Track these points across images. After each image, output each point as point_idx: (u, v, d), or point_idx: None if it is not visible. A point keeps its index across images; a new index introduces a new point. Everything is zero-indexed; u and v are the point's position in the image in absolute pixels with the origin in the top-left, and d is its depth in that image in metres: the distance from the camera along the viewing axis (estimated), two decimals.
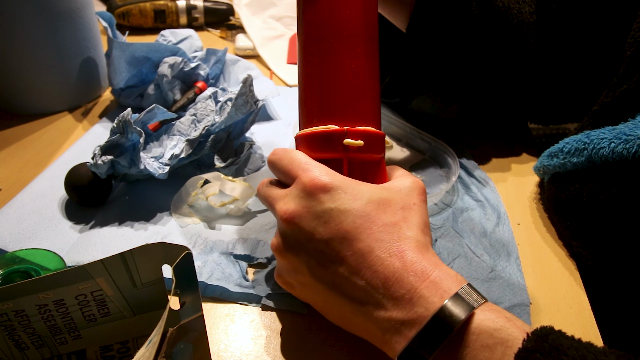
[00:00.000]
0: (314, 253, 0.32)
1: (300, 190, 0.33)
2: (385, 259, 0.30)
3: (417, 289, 0.29)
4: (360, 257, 0.30)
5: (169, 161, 0.47)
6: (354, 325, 0.32)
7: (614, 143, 0.40)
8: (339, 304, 0.32)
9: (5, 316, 0.27)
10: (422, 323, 0.28)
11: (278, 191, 0.36)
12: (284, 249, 0.34)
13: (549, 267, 0.44)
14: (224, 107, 0.51)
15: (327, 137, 0.35)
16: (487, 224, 0.48)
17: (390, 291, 0.29)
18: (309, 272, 0.32)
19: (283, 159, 0.36)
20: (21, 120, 0.61)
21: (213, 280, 0.39)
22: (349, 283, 0.31)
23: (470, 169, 0.55)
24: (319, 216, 0.32)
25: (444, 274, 0.29)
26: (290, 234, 0.33)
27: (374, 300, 0.30)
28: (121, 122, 0.45)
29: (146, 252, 0.28)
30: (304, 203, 0.33)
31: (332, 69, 0.36)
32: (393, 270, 0.30)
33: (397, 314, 0.29)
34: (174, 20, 0.92)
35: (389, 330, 0.29)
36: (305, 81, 0.37)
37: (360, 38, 0.37)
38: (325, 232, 0.31)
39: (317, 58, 0.37)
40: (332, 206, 0.32)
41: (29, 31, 0.57)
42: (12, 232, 0.43)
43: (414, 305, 0.28)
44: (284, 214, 0.33)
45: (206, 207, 0.47)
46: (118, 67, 0.60)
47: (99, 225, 0.45)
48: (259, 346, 0.35)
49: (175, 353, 0.28)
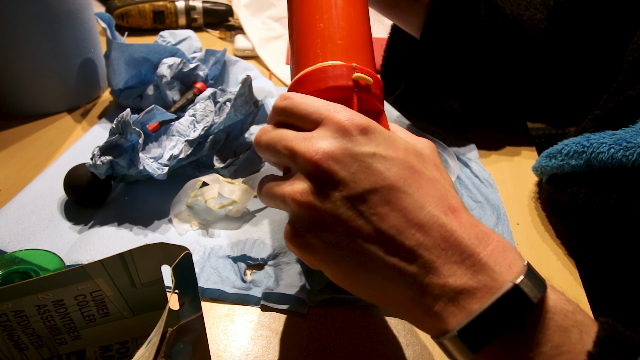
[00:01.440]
0: (352, 204, 0.26)
1: (333, 129, 0.28)
2: (440, 216, 0.26)
3: (479, 254, 0.25)
4: (411, 213, 0.26)
5: (168, 162, 0.47)
6: (389, 295, 0.27)
7: (614, 149, 0.40)
8: (375, 268, 0.26)
9: (5, 317, 0.27)
10: (491, 294, 0.24)
11: (296, 133, 0.30)
12: (311, 196, 0.27)
13: (548, 267, 0.44)
14: (223, 107, 0.51)
15: (336, 71, 0.32)
16: (486, 224, 0.48)
17: (448, 254, 0.25)
18: (343, 227, 0.27)
19: (300, 102, 0.30)
20: (20, 121, 0.61)
21: (210, 284, 0.39)
22: (394, 242, 0.26)
23: (474, 169, 0.55)
24: (360, 160, 0.27)
25: (505, 242, 0.26)
26: (322, 178, 0.27)
27: (425, 264, 0.25)
28: (120, 122, 0.45)
29: (145, 252, 0.28)
30: (338, 143, 0.27)
31: (335, 10, 0.35)
32: (450, 230, 0.25)
33: (454, 281, 0.25)
34: (173, 21, 0.92)
35: (441, 299, 0.25)
36: (308, 23, 0.35)
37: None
38: (368, 179, 0.26)
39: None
40: (373, 150, 0.27)
41: (28, 32, 0.57)
42: (12, 233, 0.43)
43: (477, 272, 0.25)
44: (315, 153, 0.27)
45: (205, 209, 0.47)
46: (117, 68, 0.60)
47: (98, 225, 0.45)
48: (258, 346, 0.35)
49: (174, 353, 0.28)
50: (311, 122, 0.30)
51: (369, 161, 0.27)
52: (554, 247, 0.46)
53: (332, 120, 0.28)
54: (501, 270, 0.24)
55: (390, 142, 0.28)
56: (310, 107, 0.30)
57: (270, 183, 0.31)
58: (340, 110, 0.29)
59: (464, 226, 0.26)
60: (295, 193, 0.28)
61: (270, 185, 0.31)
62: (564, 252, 0.46)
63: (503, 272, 0.24)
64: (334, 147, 0.27)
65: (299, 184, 0.28)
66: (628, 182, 0.40)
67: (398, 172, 0.27)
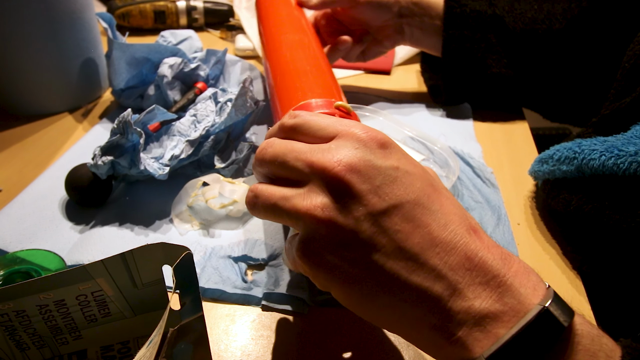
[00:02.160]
0: (375, 220, 0.25)
1: (352, 141, 0.27)
2: (464, 235, 0.25)
3: (504, 275, 0.24)
4: (435, 231, 0.25)
5: (169, 162, 0.47)
6: (407, 321, 0.25)
7: (605, 156, 0.40)
8: (396, 288, 0.25)
9: (6, 316, 0.27)
10: (519, 317, 0.23)
11: (310, 146, 0.28)
12: (333, 211, 0.25)
13: (548, 267, 0.44)
14: (224, 107, 0.51)
15: (319, 103, 0.37)
16: (487, 224, 0.48)
17: (473, 275, 0.24)
18: (364, 244, 0.25)
19: (313, 118, 0.29)
20: (22, 121, 0.61)
21: (211, 284, 0.39)
22: (418, 261, 0.24)
23: (476, 167, 0.55)
24: (384, 173, 0.26)
25: (526, 264, 0.25)
26: (344, 191, 0.25)
27: (450, 285, 0.24)
28: (121, 122, 0.45)
29: (146, 252, 0.28)
30: (360, 155, 0.26)
31: (311, 59, 0.45)
32: (475, 250, 0.24)
33: (480, 304, 0.23)
34: (174, 21, 0.92)
35: (465, 324, 0.23)
36: (293, 70, 0.44)
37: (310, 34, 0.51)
38: (393, 194, 0.25)
39: (295, 51, 0.46)
40: (396, 164, 0.26)
41: (29, 32, 0.57)
42: (13, 233, 0.43)
43: (502, 294, 0.23)
44: (337, 164, 0.25)
45: (205, 209, 0.47)
46: (118, 67, 0.60)
47: (99, 225, 0.45)
48: (259, 346, 0.35)
49: (175, 353, 0.28)
50: (325, 136, 0.28)
51: (394, 175, 0.26)
52: (555, 247, 0.46)
53: (349, 133, 0.27)
54: (527, 293, 0.23)
55: (409, 158, 0.28)
56: (323, 122, 0.29)
57: (271, 193, 0.28)
58: (356, 125, 0.28)
59: (487, 247, 0.25)
60: (314, 208, 0.26)
61: (271, 196, 0.28)
62: (564, 252, 0.46)
63: (529, 295, 0.23)
64: (356, 159, 0.26)
65: (317, 197, 0.26)
66: (618, 190, 0.39)
67: (422, 187, 0.26)
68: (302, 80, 0.42)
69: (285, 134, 0.30)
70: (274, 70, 0.46)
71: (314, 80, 0.41)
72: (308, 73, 0.42)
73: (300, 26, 0.51)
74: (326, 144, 0.27)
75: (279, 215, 0.28)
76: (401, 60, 0.82)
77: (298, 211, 0.26)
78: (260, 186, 0.29)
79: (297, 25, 0.51)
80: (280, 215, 0.28)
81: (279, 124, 0.31)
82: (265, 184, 0.29)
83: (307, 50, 0.46)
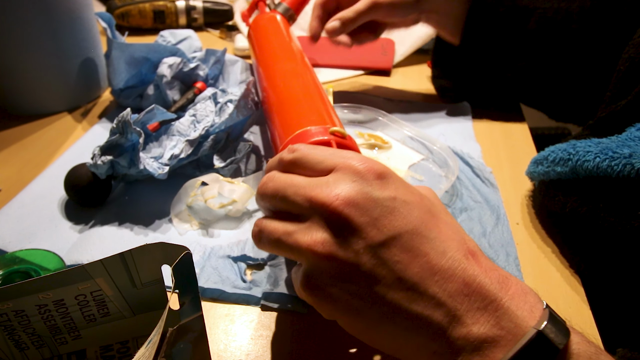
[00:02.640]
0: (374, 252, 0.25)
1: (349, 174, 0.27)
2: (461, 261, 0.25)
3: (501, 299, 0.24)
4: (434, 259, 0.25)
5: (169, 161, 0.47)
6: (411, 348, 0.26)
7: (599, 158, 0.40)
8: (398, 318, 0.25)
9: (5, 316, 0.27)
10: (515, 341, 0.23)
11: (308, 180, 0.29)
12: (332, 246, 0.26)
13: (547, 267, 0.44)
14: (224, 108, 0.51)
15: (317, 130, 0.39)
16: (486, 224, 0.48)
17: (471, 300, 0.24)
18: (365, 277, 0.25)
19: (310, 152, 0.30)
20: (21, 121, 0.61)
21: (210, 284, 0.39)
22: (417, 290, 0.25)
23: (475, 167, 0.55)
24: (381, 205, 0.26)
25: (523, 284, 0.26)
26: (343, 225, 0.26)
27: (449, 312, 0.24)
28: (121, 122, 0.45)
29: (146, 252, 0.28)
30: (358, 188, 0.26)
31: (302, 87, 0.47)
32: (472, 275, 0.25)
33: (478, 330, 0.24)
34: (173, 21, 0.92)
35: (465, 350, 0.24)
36: (287, 99, 0.46)
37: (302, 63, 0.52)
38: (391, 225, 0.26)
39: (288, 80, 0.48)
40: (394, 194, 0.27)
41: (28, 32, 0.57)
42: (12, 233, 0.43)
43: (500, 318, 0.24)
44: (335, 199, 0.26)
45: (205, 209, 0.47)
46: (117, 67, 0.60)
47: (99, 225, 0.45)
48: (258, 346, 0.35)
49: (175, 353, 0.28)
50: (323, 170, 0.29)
51: (392, 205, 0.26)
52: (554, 247, 0.46)
53: (346, 166, 0.28)
54: (524, 315, 0.24)
55: (406, 186, 0.28)
56: (321, 155, 0.29)
57: (274, 228, 0.29)
58: (353, 156, 0.28)
59: (485, 270, 0.25)
60: (315, 244, 0.26)
61: (274, 231, 0.29)
62: (563, 253, 0.46)
63: (526, 317, 0.24)
64: (354, 192, 0.26)
65: (317, 233, 0.27)
66: (613, 192, 0.40)
67: (419, 216, 0.26)
68: (297, 108, 0.43)
69: (285, 168, 0.31)
70: (270, 100, 0.48)
71: (308, 108, 0.43)
72: (302, 101, 0.44)
73: (292, 54, 0.53)
74: (325, 178, 0.28)
75: (284, 250, 0.29)
76: (402, 57, 0.82)
77: (300, 246, 0.27)
78: (264, 221, 0.30)
79: (289, 53, 0.53)
80: (285, 250, 0.28)
81: (278, 159, 0.32)
82: (269, 219, 0.30)
83: (300, 78, 0.48)
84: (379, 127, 0.62)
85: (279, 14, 0.66)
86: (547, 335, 0.23)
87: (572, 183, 0.43)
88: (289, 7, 0.67)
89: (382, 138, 0.60)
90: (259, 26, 0.63)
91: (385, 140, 0.60)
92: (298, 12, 0.70)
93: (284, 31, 0.60)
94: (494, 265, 0.26)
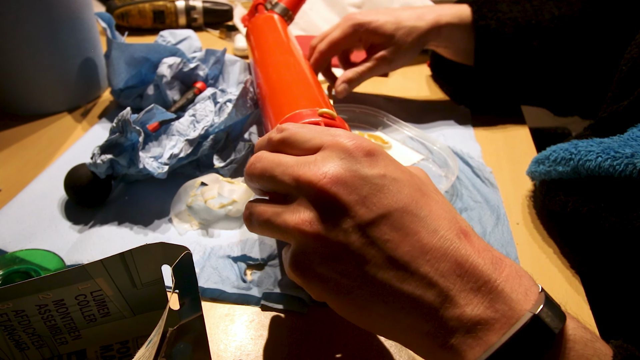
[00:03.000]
0: (363, 231, 0.25)
1: (337, 152, 0.27)
2: (453, 240, 0.25)
3: (495, 280, 0.24)
4: (424, 238, 0.25)
5: (168, 160, 0.47)
6: (402, 329, 0.25)
7: (601, 157, 0.40)
8: (389, 298, 0.25)
9: (5, 316, 0.27)
10: (510, 324, 0.23)
11: (296, 158, 0.28)
12: (319, 225, 0.25)
13: (547, 267, 0.44)
14: (224, 108, 0.51)
15: (307, 112, 0.39)
16: (486, 224, 0.48)
17: (464, 281, 0.24)
18: (355, 256, 0.25)
19: (298, 130, 0.29)
20: (21, 121, 0.61)
21: (210, 284, 0.39)
22: (408, 269, 0.24)
23: (475, 167, 0.55)
24: (370, 182, 0.25)
25: (518, 266, 0.25)
26: (330, 204, 0.25)
27: (441, 292, 0.24)
28: (120, 121, 0.45)
29: (146, 252, 0.28)
30: (346, 166, 0.26)
31: (295, 74, 0.48)
32: (465, 255, 0.24)
33: (471, 311, 0.23)
34: (173, 21, 0.92)
35: (457, 331, 0.23)
36: (279, 87, 0.47)
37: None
38: (380, 203, 0.25)
39: (280, 70, 0.50)
40: (383, 172, 0.26)
41: (28, 32, 0.57)
42: (12, 233, 0.43)
43: (494, 300, 0.23)
44: (323, 177, 0.25)
45: (205, 209, 0.47)
46: (117, 67, 0.60)
47: (99, 225, 0.45)
48: (258, 346, 0.36)
49: (175, 353, 0.28)
50: (311, 148, 0.28)
51: (381, 183, 0.25)
52: (554, 247, 0.46)
53: (334, 143, 0.27)
54: (518, 298, 0.23)
55: (396, 164, 0.27)
56: (309, 134, 0.29)
57: (263, 210, 0.29)
58: (342, 134, 0.28)
59: (478, 251, 0.25)
60: (302, 222, 0.26)
61: (264, 213, 0.29)
62: (563, 252, 0.46)
63: (520, 300, 0.23)
64: (342, 170, 0.26)
65: (304, 212, 0.26)
66: (614, 192, 0.40)
67: (409, 194, 0.26)
68: (288, 95, 0.45)
69: (274, 147, 0.30)
70: (263, 92, 0.50)
71: (299, 93, 0.44)
72: (293, 87, 0.46)
73: (287, 49, 0.55)
74: (312, 156, 0.27)
75: (273, 230, 0.28)
76: None
77: (287, 226, 0.27)
78: (254, 204, 0.30)
79: (284, 48, 0.55)
80: (274, 230, 0.28)
81: (267, 138, 0.31)
82: (259, 202, 0.30)
83: (292, 68, 0.50)
84: (379, 127, 0.63)
85: (277, 14, 0.66)
86: (543, 319, 0.22)
87: (574, 183, 0.43)
88: (286, 7, 0.68)
89: (382, 138, 0.60)
90: (256, 26, 0.64)
91: (385, 140, 0.60)
92: (295, 11, 0.70)
93: (281, 30, 0.61)
94: (487, 246, 0.26)
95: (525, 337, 0.22)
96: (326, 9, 0.95)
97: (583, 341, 0.23)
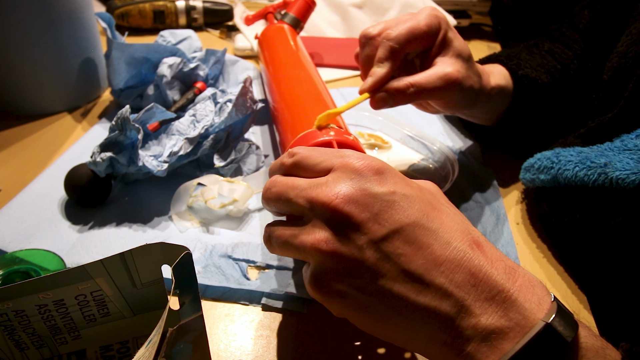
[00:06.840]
0: (377, 247, 0.26)
1: (347, 172, 0.28)
2: (466, 251, 0.25)
3: (509, 290, 0.24)
4: (437, 250, 0.25)
5: (168, 158, 0.47)
6: (420, 339, 0.26)
7: (578, 167, 0.41)
8: (406, 310, 0.25)
9: (5, 316, 0.27)
10: (524, 333, 0.23)
11: (309, 181, 0.29)
12: (335, 244, 0.26)
13: (547, 267, 0.44)
14: (224, 107, 0.51)
15: (316, 134, 0.39)
16: (486, 224, 0.48)
17: (478, 291, 0.24)
18: (370, 272, 0.26)
19: (309, 154, 0.31)
20: (21, 121, 0.61)
21: (213, 281, 0.39)
22: (423, 282, 0.25)
23: (475, 168, 0.55)
24: (381, 199, 0.26)
25: (531, 275, 0.26)
26: (343, 222, 0.26)
27: (457, 303, 0.24)
28: (120, 119, 0.45)
29: (146, 252, 0.28)
30: (357, 185, 0.27)
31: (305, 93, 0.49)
32: (479, 265, 0.25)
33: (486, 320, 0.24)
34: (173, 21, 0.92)
35: (473, 340, 0.24)
36: (291, 105, 0.48)
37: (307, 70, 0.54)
38: (392, 219, 0.26)
39: (292, 87, 0.50)
40: (393, 189, 0.27)
41: (28, 32, 0.57)
42: (12, 233, 0.43)
43: (508, 310, 0.24)
44: (335, 198, 0.26)
45: (205, 209, 0.47)
46: (117, 67, 0.60)
47: (99, 225, 0.45)
48: (258, 346, 0.35)
49: (175, 353, 0.28)
50: (322, 170, 0.29)
51: (391, 199, 0.26)
52: (554, 247, 0.46)
53: (344, 164, 0.28)
54: (532, 307, 0.24)
55: (405, 180, 0.28)
56: (319, 156, 0.30)
57: (281, 232, 0.30)
58: (351, 154, 0.29)
59: (491, 261, 0.25)
60: (319, 242, 0.27)
61: (282, 235, 0.30)
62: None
63: (534, 309, 0.24)
64: (353, 189, 0.27)
65: (320, 232, 0.27)
66: (588, 201, 0.40)
67: (420, 208, 0.26)
68: (300, 113, 0.45)
69: (287, 171, 0.32)
70: (277, 107, 0.51)
71: (310, 110, 0.44)
72: (305, 105, 0.46)
73: (299, 62, 0.55)
74: (324, 178, 0.29)
75: (292, 251, 0.29)
76: None
77: (305, 246, 0.28)
78: (273, 227, 0.31)
79: (295, 61, 0.56)
80: (293, 251, 0.29)
81: (279, 163, 0.32)
82: (277, 224, 0.31)
83: (304, 84, 0.50)
84: (379, 127, 0.62)
85: (286, 24, 0.67)
86: (555, 328, 0.23)
87: (554, 191, 0.44)
88: (296, 17, 0.69)
89: (382, 138, 0.60)
90: (267, 37, 0.65)
91: (385, 140, 0.60)
92: (305, 20, 0.71)
93: (291, 41, 0.62)
94: (501, 255, 0.26)
95: (539, 345, 0.23)
96: (327, 9, 0.95)
97: (594, 349, 0.24)
